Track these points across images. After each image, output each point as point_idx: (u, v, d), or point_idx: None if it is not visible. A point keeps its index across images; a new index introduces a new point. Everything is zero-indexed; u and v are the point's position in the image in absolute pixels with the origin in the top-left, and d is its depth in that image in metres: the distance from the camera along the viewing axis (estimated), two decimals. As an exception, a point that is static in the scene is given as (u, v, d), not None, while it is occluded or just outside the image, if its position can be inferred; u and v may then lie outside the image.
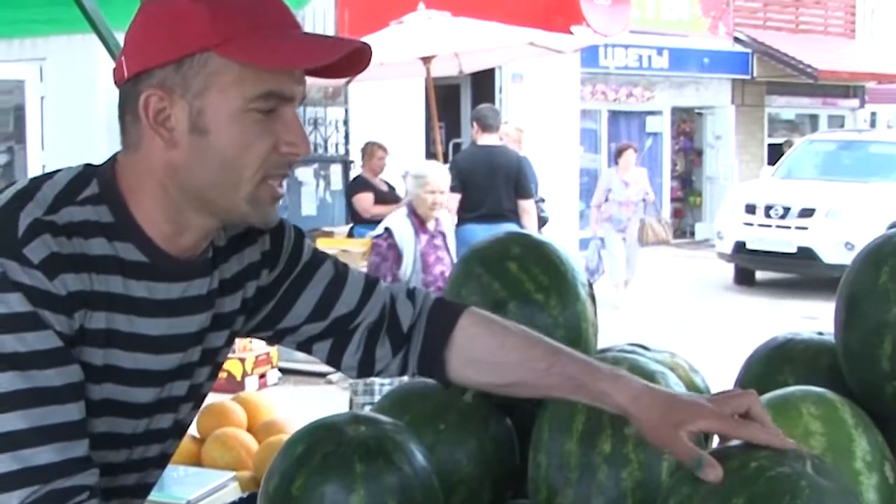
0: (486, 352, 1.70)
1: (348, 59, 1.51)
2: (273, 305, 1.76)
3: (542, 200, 10.02)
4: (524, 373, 1.65)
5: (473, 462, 1.76)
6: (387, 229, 6.61)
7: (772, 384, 1.81)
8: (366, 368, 1.77)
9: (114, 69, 1.55)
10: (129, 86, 1.51)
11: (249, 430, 3.59)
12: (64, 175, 1.56)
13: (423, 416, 1.78)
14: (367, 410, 1.85)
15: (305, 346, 1.80)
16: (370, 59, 1.52)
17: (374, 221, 10.52)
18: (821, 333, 1.93)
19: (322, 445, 1.58)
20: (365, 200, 10.74)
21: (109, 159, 1.60)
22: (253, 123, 1.48)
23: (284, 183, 1.56)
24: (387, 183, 11.07)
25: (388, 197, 10.85)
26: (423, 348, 1.75)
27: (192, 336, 1.63)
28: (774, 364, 1.88)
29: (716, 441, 1.75)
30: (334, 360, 1.79)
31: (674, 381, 1.72)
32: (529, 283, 1.83)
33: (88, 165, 1.59)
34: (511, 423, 1.86)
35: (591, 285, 1.92)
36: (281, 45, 1.47)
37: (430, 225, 6.61)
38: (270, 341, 1.83)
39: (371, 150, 11.14)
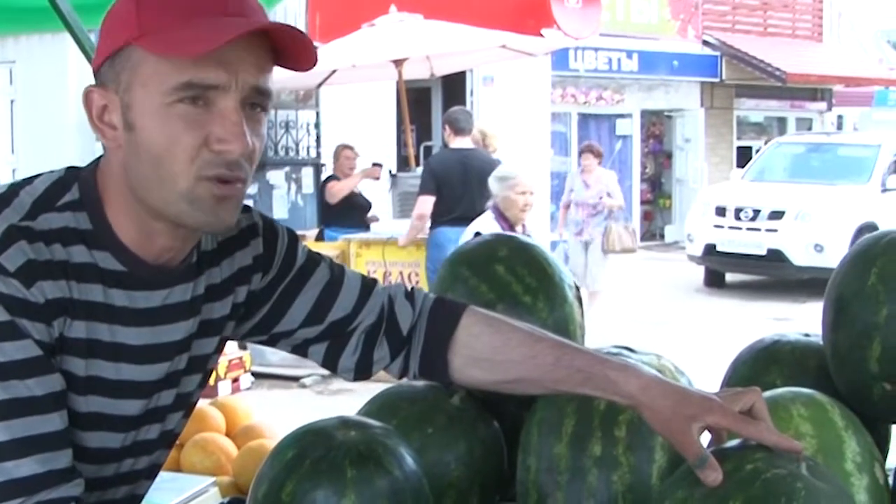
0: (491, 350, 1.67)
1: (296, 49, 1.47)
2: (267, 310, 1.73)
3: None
4: (531, 368, 1.63)
5: (462, 465, 1.75)
6: (477, 234, 6.14)
7: (759, 385, 1.81)
8: (363, 371, 1.76)
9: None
10: None
11: (228, 434, 3.57)
12: (43, 180, 1.52)
13: (410, 419, 1.77)
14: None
15: (301, 350, 1.77)
16: (310, 48, 1.47)
17: (346, 224, 10.46)
18: (807, 335, 1.93)
19: (312, 451, 1.56)
20: (335, 186, 10.62)
21: (93, 162, 1.56)
22: (178, 117, 1.42)
23: (242, 186, 1.47)
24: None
25: (356, 200, 10.76)
26: (424, 350, 1.73)
27: (177, 344, 1.60)
28: (761, 365, 1.88)
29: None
30: (330, 363, 1.76)
31: (662, 383, 1.71)
32: (517, 285, 1.82)
33: (71, 169, 1.55)
34: (499, 425, 1.84)
35: (577, 288, 1.92)
36: (192, 32, 1.40)
37: (518, 229, 6.22)
38: (265, 344, 1.80)
39: (338, 152, 11.05)
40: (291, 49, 1.47)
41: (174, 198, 1.45)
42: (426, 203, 8.79)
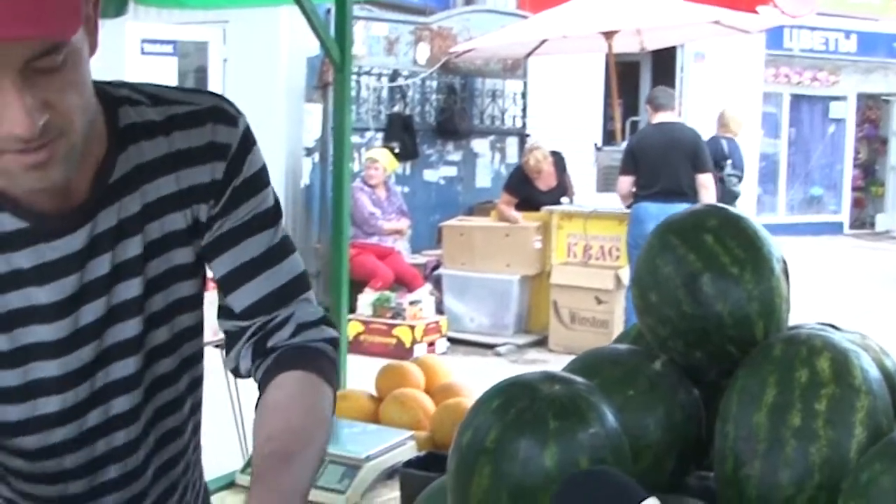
0: (259, 414, 1.61)
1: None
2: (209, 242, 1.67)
3: (739, 177, 10.00)
4: (256, 442, 1.56)
5: (661, 429, 1.78)
6: None
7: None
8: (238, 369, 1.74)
9: None
10: None
11: (426, 392, 3.67)
12: None
13: (612, 380, 1.80)
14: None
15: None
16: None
17: None
18: None
19: (517, 401, 1.62)
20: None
21: None
22: None
23: (60, 141, 1.38)
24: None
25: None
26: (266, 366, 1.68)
27: (119, 269, 1.56)
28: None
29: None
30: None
31: (867, 361, 1.71)
32: (725, 255, 1.83)
33: None
34: (698, 393, 1.87)
35: (785, 262, 1.92)
36: None
37: None
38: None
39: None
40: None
41: None
42: (623, 183, 8.82)
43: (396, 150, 12.10)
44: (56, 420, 1.58)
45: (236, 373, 1.74)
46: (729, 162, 10.60)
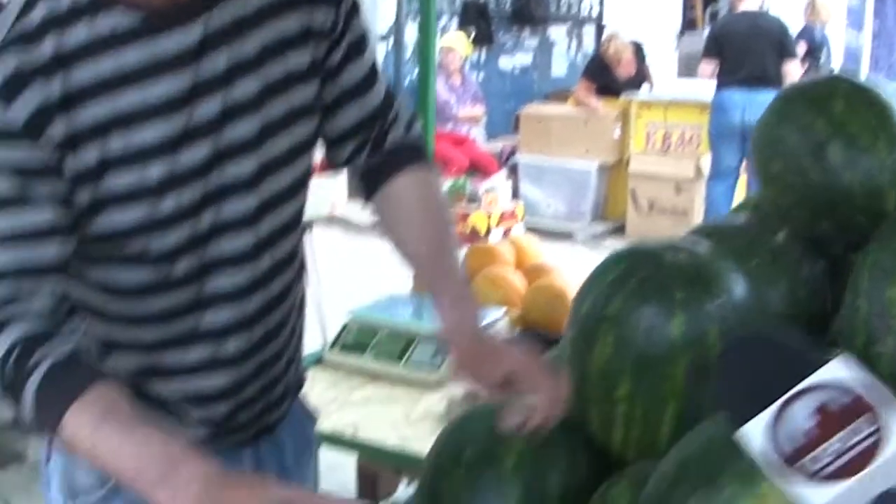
0: (394, 210, 1.76)
1: None
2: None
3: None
4: (407, 246, 1.74)
5: (784, 303, 1.72)
6: None
7: None
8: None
9: None
10: None
11: (517, 269, 3.62)
12: None
13: (733, 252, 1.74)
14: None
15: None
16: None
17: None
18: None
19: (639, 270, 1.56)
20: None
21: None
22: None
23: None
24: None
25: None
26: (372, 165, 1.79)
27: (235, 67, 1.53)
28: None
29: None
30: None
31: None
32: (855, 123, 1.74)
33: None
34: (824, 265, 1.80)
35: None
36: None
37: None
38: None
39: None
40: None
41: None
42: (705, 68, 8.70)
43: (472, 37, 11.93)
44: (170, 221, 1.54)
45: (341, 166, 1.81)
46: (824, 50, 10.38)
